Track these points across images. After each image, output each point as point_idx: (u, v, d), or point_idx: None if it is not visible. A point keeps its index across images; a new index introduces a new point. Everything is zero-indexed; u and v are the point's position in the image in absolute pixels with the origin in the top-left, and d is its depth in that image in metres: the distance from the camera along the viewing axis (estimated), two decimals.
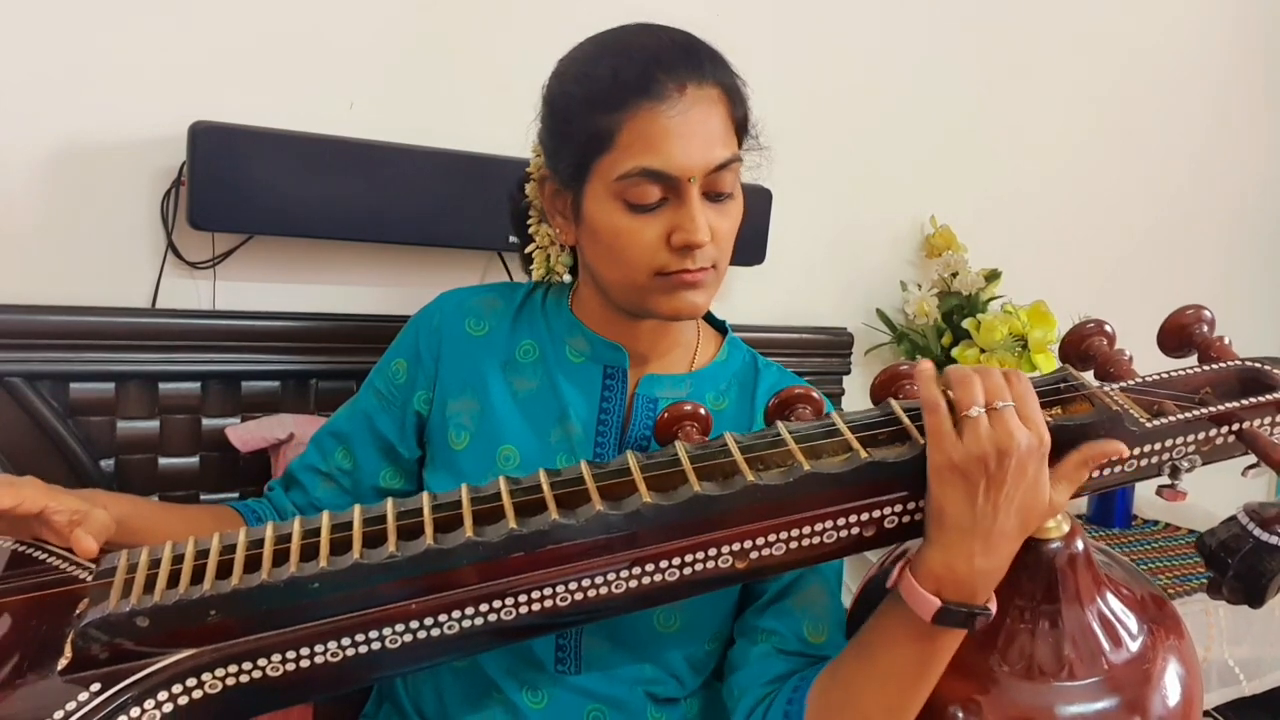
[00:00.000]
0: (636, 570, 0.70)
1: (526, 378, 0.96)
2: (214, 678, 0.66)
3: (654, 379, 0.95)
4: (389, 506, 0.71)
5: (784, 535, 0.70)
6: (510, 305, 1.00)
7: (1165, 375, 0.76)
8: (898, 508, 0.72)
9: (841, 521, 0.71)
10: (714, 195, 0.85)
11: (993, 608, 0.72)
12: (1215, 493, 1.17)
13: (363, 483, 0.99)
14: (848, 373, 1.73)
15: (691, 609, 0.86)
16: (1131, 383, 0.75)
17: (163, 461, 1.24)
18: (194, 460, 1.26)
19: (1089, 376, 0.78)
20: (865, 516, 0.71)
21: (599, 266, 0.89)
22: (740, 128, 0.88)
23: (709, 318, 1.03)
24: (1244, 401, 0.71)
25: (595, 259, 0.89)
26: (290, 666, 0.67)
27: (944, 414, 0.69)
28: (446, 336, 0.98)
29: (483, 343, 0.97)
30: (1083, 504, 1.90)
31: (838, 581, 0.92)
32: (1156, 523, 1.92)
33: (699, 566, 0.70)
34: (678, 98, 0.81)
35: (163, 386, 1.23)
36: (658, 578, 0.70)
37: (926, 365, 0.72)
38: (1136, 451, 0.72)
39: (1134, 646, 0.78)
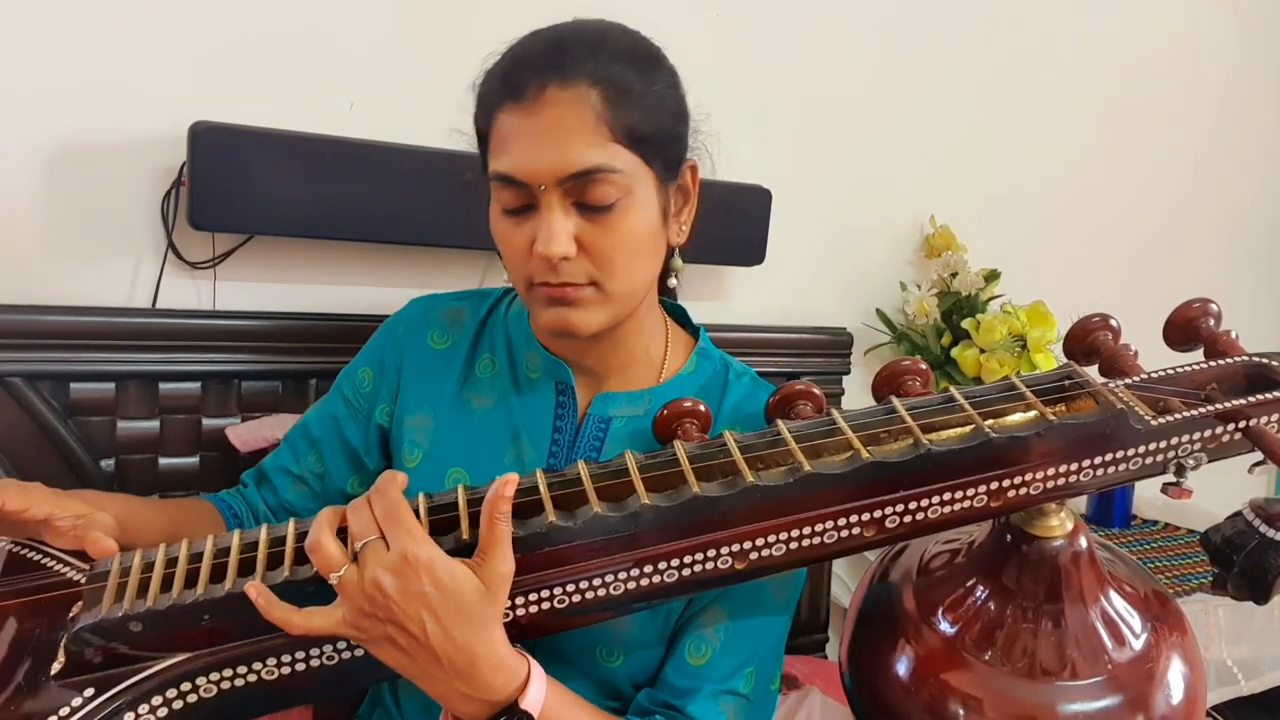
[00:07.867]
0: (635, 571, 0.69)
1: (484, 394, 0.92)
2: (209, 682, 0.66)
3: (609, 397, 0.89)
4: None
5: (784, 536, 0.70)
6: (476, 316, 0.96)
7: (1170, 371, 0.75)
8: (899, 507, 0.71)
9: (842, 521, 0.70)
10: (586, 207, 0.77)
11: (529, 705, 0.67)
12: (1215, 492, 1.17)
13: (331, 488, 0.98)
14: (847, 373, 1.73)
15: (633, 646, 0.83)
16: (1136, 379, 0.74)
17: (163, 461, 1.24)
18: (194, 460, 1.26)
19: (1094, 372, 0.77)
20: (866, 516, 0.70)
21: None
22: (632, 135, 0.76)
23: (685, 323, 0.97)
24: (1250, 399, 0.71)
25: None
26: (285, 670, 0.67)
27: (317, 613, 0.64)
28: (409, 349, 0.95)
29: (443, 357, 0.94)
30: (1082, 504, 1.89)
31: (773, 600, 0.85)
32: (1156, 522, 1.91)
33: (698, 567, 0.70)
34: (535, 98, 0.75)
35: (163, 386, 1.23)
36: (656, 579, 0.69)
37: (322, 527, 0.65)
38: (1142, 449, 0.71)
39: (1137, 645, 0.77)
